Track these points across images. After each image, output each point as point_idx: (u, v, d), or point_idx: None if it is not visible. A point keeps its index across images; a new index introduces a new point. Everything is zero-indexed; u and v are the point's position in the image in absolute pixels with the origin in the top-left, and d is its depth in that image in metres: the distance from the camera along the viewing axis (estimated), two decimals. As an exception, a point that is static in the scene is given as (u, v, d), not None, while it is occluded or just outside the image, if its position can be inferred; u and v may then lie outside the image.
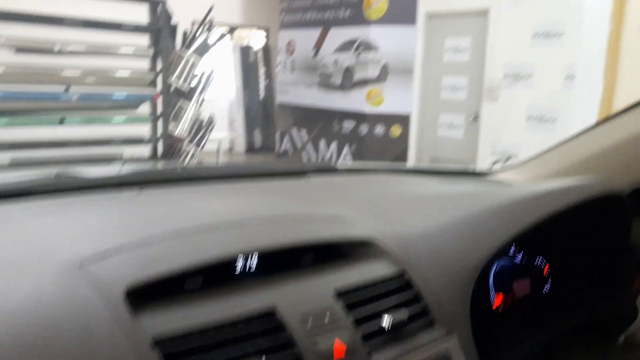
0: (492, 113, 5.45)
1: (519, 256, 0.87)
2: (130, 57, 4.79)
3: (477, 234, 0.75)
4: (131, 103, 4.81)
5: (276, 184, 0.95)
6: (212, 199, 0.81)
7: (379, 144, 6.25)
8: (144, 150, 4.90)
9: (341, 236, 0.66)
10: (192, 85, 5.33)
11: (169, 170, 1.06)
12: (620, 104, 4.15)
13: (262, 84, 8.94)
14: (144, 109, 4.92)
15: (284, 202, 0.82)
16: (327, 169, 1.11)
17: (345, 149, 6.47)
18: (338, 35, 6.48)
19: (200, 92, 5.43)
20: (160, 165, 2.38)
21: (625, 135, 0.95)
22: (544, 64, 4.99)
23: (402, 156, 6.21)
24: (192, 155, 5.28)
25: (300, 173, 1.02)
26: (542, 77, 5.02)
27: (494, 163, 4.70)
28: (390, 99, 6.19)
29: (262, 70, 8.94)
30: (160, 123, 4.87)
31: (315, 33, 6.79)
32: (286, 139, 7.30)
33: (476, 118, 5.60)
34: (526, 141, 5.15)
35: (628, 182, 0.94)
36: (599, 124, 1.02)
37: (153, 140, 4.91)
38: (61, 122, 4.27)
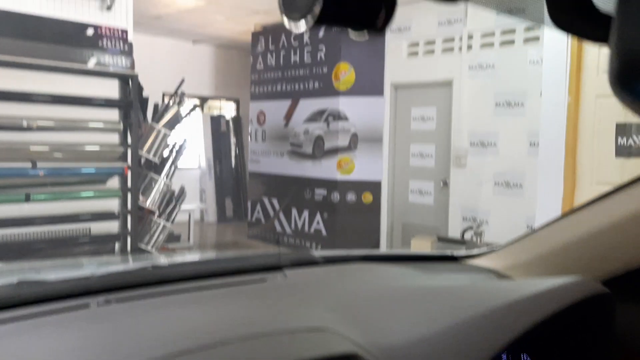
0: (461, 179, 5.55)
1: (504, 356, 0.85)
2: (100, 131, 4.77)
3: (470, 341, 0.73)
4: (100, 177, 4.75)
5: (252, 287, 0.92)
6: (186, 310, 0.78)
7: (351, 211, 6.26)
8: (113, 226, 4.80)
9: (324, 354, 0.63)
10: (164, 156, 5.32)
11: (138, 272, 1.02)
12: (583, 168, 4.28)
13: (233, 153, 8.99)
14: (113, 182, 4.86)
15: (263, 311, 0.79)
16: (304, 261, 1.08)
17: (317, 217, 6.47)
18: (308, 106, 6.62)
19: (172, 164, 5.42)
20: (127, 260, 2.31)
21: (602, 224, 0.96)
22: (508, 132, 5.16)
23: (374, 223, 6.23)
24: (163, 228, 5.19)
25: (276, 268, 1.00)
26: (507, 144, 5.18)
27: (466, 230, 4.75)
28: (361, 167, 6.27)
29: (233, 140, 9.01)
30: (129, 197, 4.80)
31: (285, 104, 6.92)
32: (258, 208, 7.27)
33: (445, 184, 5.69)
34: (495, 207, 5.24)
35: (603, 272, 0.95)
36: (576, 210, 1.03)
37: (122, 214, 4.82)
38: (27, 199, 4.16)
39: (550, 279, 0.87)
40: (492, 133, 5.26)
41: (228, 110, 9.40)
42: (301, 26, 0.34)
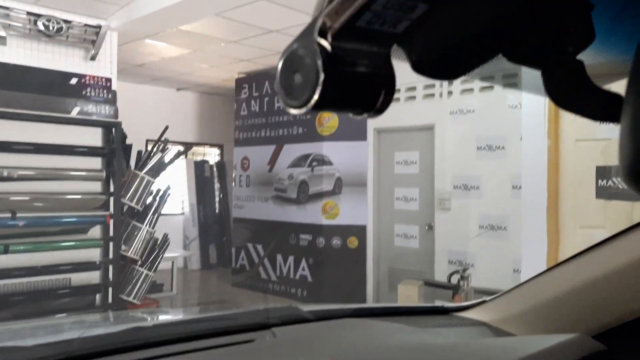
0: (446, 222, 5.57)
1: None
2: (82, 179, 4.73)
3: None
4: (82, 226, 4.67)
5: (240, 349, 0.89)
6: None
7: (337, 256, 6.22)
8: (94, 276, 4.69)
9: None
10: (147, 203, 5.27)
11: (120, 334, 0.98)
12: (565, 211, 4.32)
13: (217, 199, 8.95)
14: (95, 231, 4.78)
15: None
16: (292, 318, 1.06)
17: (303, 263, 6.40)
18: (292, 151, 6.65)
19: (155, 211, 5.37)
20: (108, 318, 2.24)
21: (592, 276, 0.95)
22: (491, 175, 5.22)
23: (360, 268, 6.18)
24: (145, 277, 5.09)
25: (264, 326, 0.97)
26: (490, 187, 5.23)
27: (452, 274, 4.72)
28: (346, 211, 6.27)
29: (217, 186, 8.98)
30: (111, 246, 4.72)
31: (269, 149, 6.95)
32: (242, 254, 7.18)
33: (431, 228, 5.70)
34: (481, 250, 5.24)
35: (597, 325, 0.93)
36: (566, 261, 1.03)
37: (104, 264, 4.73)
38: (5, 250, 4.07)
39: (546, 337, 0.86)
40: (475, 176, 5.32)
41: (212, 155, 9.41)
42: (300, 112, 0.34)
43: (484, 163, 5.27)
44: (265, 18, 4.90)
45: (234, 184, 7.60)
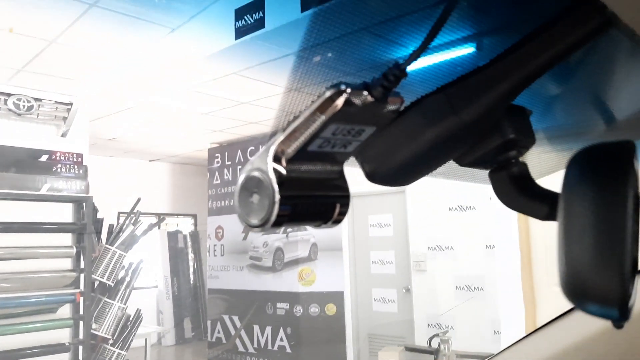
0: (423, 285, 5.55)
1: None
2: (51, 257, 4.61)
3: None
4: (51, 306, 4.52)
5: None
6: None
7: (315, 324, 6.10)
8: (63, 358, 4.50)
9: None
10: (119, 277, 5.14)
11: None
12: (539, 270, 4.36)
13: (191, 269, 8.78)
14: (65, 310, 4.62)
15: None
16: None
17: (281, 333, 6.25)
18: (266, 218, 6.63)
19: (127, 285, 5.23)
20: None
21: (565, 345, 0.96)
22: (464, 235, 5.27)
23: (340, 335, 6.06)
24: (117, 357, 4.90)
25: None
26: (464, 247, 5.27)
27: (432, 337, 4.66)
28: (323, 277, 6.21)
29: (191, 256, 8.84)
30: (81, 325, 4.55)
31: (243, 217, 6.92)
32: (218, 326, 6.99)
33: (408, 290, 5.67)
34: (459, 311, 5.21)
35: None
36: (541, 328, 1.03)
37: (73, 345, 4.54)
38: (-32, 335, 3.89)
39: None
40: (448, 237, 5.36)
41: (186, 225, 9.31)
42: (260, 231, 0.36)
43: (456, 223, 5.33)
44: (236, 91, 5.02)
45: (208, 253, 7.49)
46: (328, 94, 0.32)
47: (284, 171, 0.35)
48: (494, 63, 0.39)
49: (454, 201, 5.36)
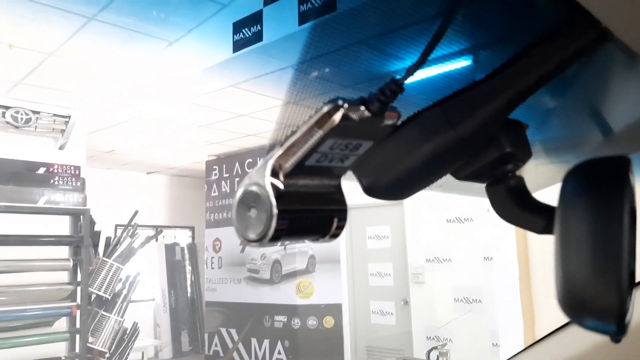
0: (421, 297, 5.53)
1: None
2: (48, 270, 4.59)
3: None
4: (47, 319, 4.49)
5: None
6: None
7: (313, 337, 6.07)
8: (59, 372, 4.46)
9: None
10: (116, 290, 5.12)
11: None
12: (537, 281, 4.35)
13: (189, 282, 8.74)
14: (61, 324, 4.59)
15: None
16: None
17: (279, 346, 6.21)
18: (264, 231, 6.61)
19: (124, 298, 5.21)
20: None
21: (572, 354, 0.96)
22: (462, 247, 5.26)
23: (338, 347, 6.02)
24: (113, 371, 4.86)
25: None
26: (462, 259, 5.26)
27: (431, 350, 4.64)
28: (321, 290, 6.19)
29: (188, 269, 8.80)
30: (78, 339, 4.52)
31: (241, 229, 6.90)
32: (215, 339, 6.95)
33: (406, 303, 5.65)
34: (458, 323, 5.19)
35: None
36: (545, 338, 1.03)
37: (70, 359, 4.51)
38: (-36, 349, 3.86)
39: None
40: (446, 249, 5.35)
41: (183, 238, 9.29)
42: (258, 246, 0.36)
43: (454, 235, 5.32)
44: (233, 103, 5.03)
45: (205, 266, 7.47)
46: (325, 109, 0.33)
47: (281, 186, 0.35)
48: (490, 78, 0.40)
49: (452, 213, 5.36)
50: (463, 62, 0.46)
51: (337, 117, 0.33)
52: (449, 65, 0.48)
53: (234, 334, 6.74)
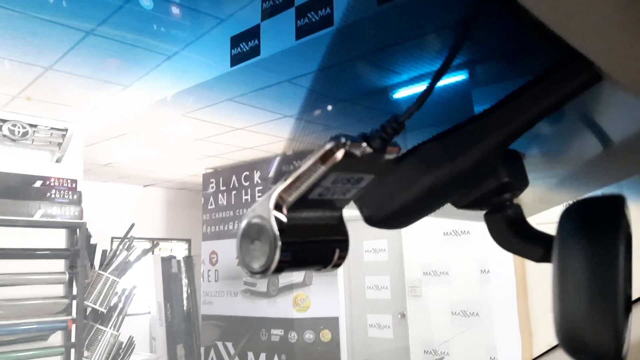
0: (418, 310, 5.52)
1: None
2: (43, 283, 4.57)
3: None
4: (42, 333, 4.46)
5: None
6: None
7: (310, 350, 6.03)
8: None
9: None
10: (111, 304, 5.09)
11: None
12: (534, 295, 4.35)
13: (185, 295, 8.70)
14: (56, 337, 4.56)
15: None
16: None
17: (275, 359, 6.18)
18: (260, 243, 6.59)
19: (120, 312, 5.18)
20: None
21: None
22: (459, 260, 5.26)
23: (335, 362, 5.99)
24: (109, 386, 4.83)
25: None
26: (459, 272, 5.26)
27: (428, 364, 4.63)
28: (317, 303, 6.16)
29: (185, 281, 8.77)
30: (73, 353, 4.49)
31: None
32: (211, 354, 6.90)
33: (403, 316, 5.63)
34: (455, 337, 5.17)
35: None
36: (543, 355, 1.03)
37: (64, 374, 4.48)
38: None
39: None
40: (443, 262, 5.35)
41: (179, 250, 9.25)
42: (262, 277, 0.37)
43: (451, 248, 5.33)
44: (230, 117, 5.05)
45: (202, 279, 7.44)
46: (328, 146, 0.34)
47: (284, 219, 0.36)
48: (489, 113, 0.41)
49: (449, 226, 5.36)
50: (460, 94, 0.47)
51: (340, 154, 0.33)
52: (447, 95, 0.49)
53: (231, 347, 6.70)
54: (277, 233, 0.35)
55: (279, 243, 0.35)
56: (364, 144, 0.34)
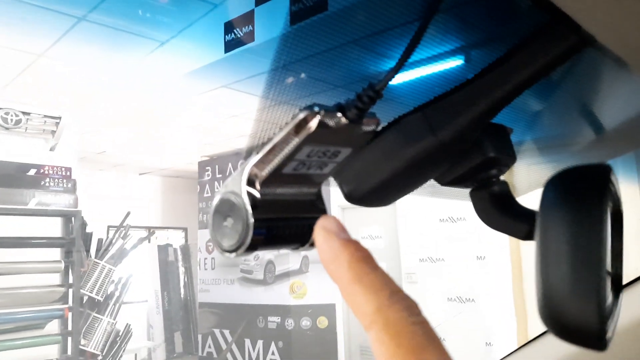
0: (415, 296, 5.49)
1: None
2: (39, 272, 4.56)
3: None
4: (38, 322, 4.46)
5: None
6: None
7: (307, 337, 6.06)
8: (51, 375, 4.43)
9: None
10: (108, 292, 5.09)
11: None
12: (530, 279, 4.36)
13: (182, 283, 8.71)
14: (53, 326, 4.56)
15: None
16: None
17: (272, 347, 6.20)
18: (257, 231, 6.59)
19: (116, 300, 5.18)
20: None
21: (565, 354, 0.95)
22: (455, 247, 5.27)
23: (332, 348, 6.02)
24: (106, 373, 4.84)
25: None
26: (455, 259, 5.26)
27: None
28: (314, 290, 6.18)
29: (182, 269, 8.77)
30: (70, 341, 4.49)
31: (234, 230, 6.88)
32: (209, 341, 6.92)
33: (400, 303, 5.65)
34: (451, 323, 5.19)
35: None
36: (538, 337, 1.02)
37: (61, 362, 4.48)
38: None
39: None
40: (439, 248, 5.36)
41: (176, 238, 9.25)
42: (235, 256, 0.35)
43: (447, 235, 5.33)
44: (226, 104, 5.01)
45: (199, 267, 7.44)
46: (301, 115, 0.32)
47: (257, 194, 0.34)
48: (471, 83, 0.39)
49: (445, 212, 5.36)
50: (444, 65, 0.46)
51: (313, 124, 0.32)
52: (430, 68, 0.47)
53: (228, 335, 6.72)
54: (250, 209, 0.34)
55: (252, 220, 0.34)
56: (339, 114, 0.33)
